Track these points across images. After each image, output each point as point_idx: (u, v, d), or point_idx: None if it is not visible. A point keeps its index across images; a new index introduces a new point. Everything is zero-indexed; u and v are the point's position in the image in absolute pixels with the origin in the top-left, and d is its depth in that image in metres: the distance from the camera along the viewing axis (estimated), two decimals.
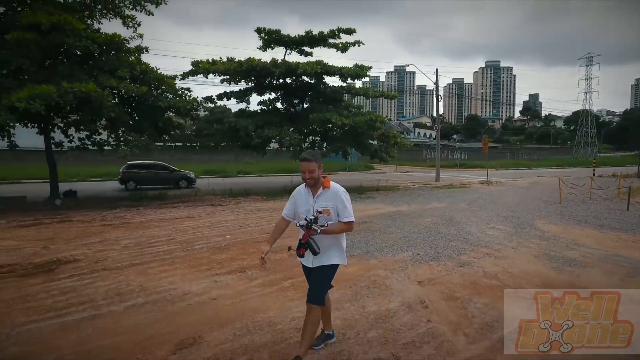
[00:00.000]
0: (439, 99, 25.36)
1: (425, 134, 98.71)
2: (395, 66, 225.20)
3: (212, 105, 20.56)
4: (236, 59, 17.19)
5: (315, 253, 2.99)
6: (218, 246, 7.25)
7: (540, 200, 14.24)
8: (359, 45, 18.28)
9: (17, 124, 12.22)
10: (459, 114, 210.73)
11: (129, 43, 14.06)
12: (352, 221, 3.15)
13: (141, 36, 14.55)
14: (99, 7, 14.43)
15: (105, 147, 14.46)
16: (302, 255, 3.11)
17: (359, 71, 17.70)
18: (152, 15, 14.98)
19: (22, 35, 11.12)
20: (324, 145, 19.41)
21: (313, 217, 2.99)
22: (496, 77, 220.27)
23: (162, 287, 4.95)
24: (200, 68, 16.51)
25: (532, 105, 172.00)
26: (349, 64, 18.51)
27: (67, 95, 11.14)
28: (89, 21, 14.19)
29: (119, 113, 12.83)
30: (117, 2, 14.37)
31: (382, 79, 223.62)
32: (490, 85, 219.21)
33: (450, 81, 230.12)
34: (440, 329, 3.85)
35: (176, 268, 5.84)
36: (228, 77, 17.30)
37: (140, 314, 4.18)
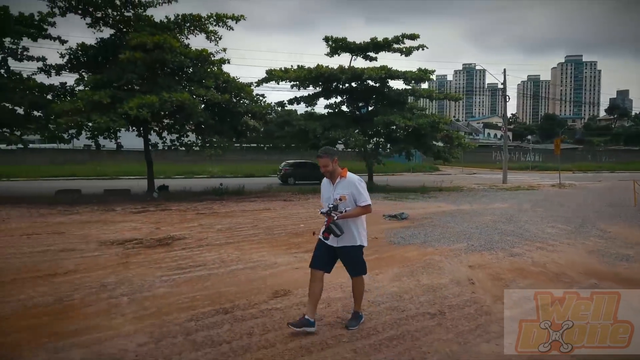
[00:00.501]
0: (507, 100, 24.91)
1: (495, 135, 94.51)
2: (463, 64, 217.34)
3: (279, 109, 22.21)
4: (306, 67, 18.58)
5: (337, 235, 3.52)
6: (294, 232, 8.47)
7: (613, 204, 13.87)
8: (422, 49, 18.83)
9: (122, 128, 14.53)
10: (535, 113, 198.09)
11: (214, 56, 15.94)
12: (369, 204, 3.67)
13: (224, 50, 16.41)
14: (188, 25, 16.52)
15: (194, 148, 16.49)
16: (326, 239, 3.65)
17: (422, 75, 18.26)
18: (232, 29, 16.81)
19: (132, 55, 13.27)
20: (388, 146, 20.16)
21: (332, 205, 3.57)
22: (577, 72, 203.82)
23: (255, 259, 6.21)
24: (274, 76, 18.11)
25: (620, 103, 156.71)
26: (414, 66, 19.20)
27: (166, 103, 13.13)
28: (180, 37, 16.34)
29: (206, 118, 14.68)
30: (203, 20, 16.35)
31: (450, 77, 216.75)
32: (571, 81, 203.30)
33: (525, 78, 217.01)
34: (482, 298, 4.64)
35: (262, 247, 7.12)
36: (298, 83, 18.75)
37: (241, 274, 5.43)
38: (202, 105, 15.25)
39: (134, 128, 16.46)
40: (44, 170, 27.08)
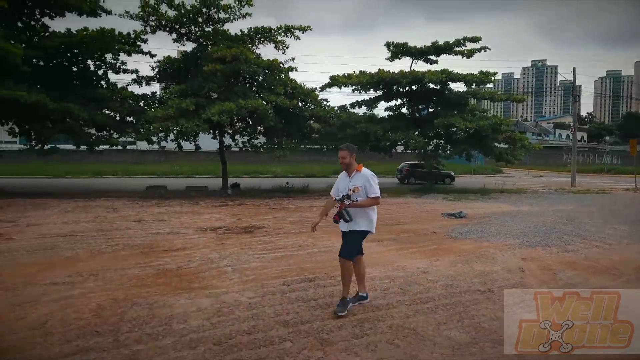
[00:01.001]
0: (576, 100, 23.97)
1: (567, 136, 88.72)
2: (532, 61, 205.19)
3: (341, 112, 23.19)
4: (367, 72, 19.43)
5: (346, 220, 4.05)
6: None
7: None
8: (485, 51, 18.94)
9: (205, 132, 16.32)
10: (615, 111, 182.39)
11: (283, 65, 17.31)
12: (378, 196, 4.11)
13: (293, 59, 17.74)
14: (259, 36, 18.05)
15: (263, 149, 18.00)
16: (337, 222, 4.16)
17: (484, 78, 18.38)
18: (299, 39, 18.13)
19: (213, 67, 14.95)
20: (448, 147, 20.40)
21: (345, 194, 4.08)
22: None
23: (327, 245, 7.22)
24: (338, 81, 19.18)
25: None
26: (476, 65, 19.32)
27: (242, 109, 14.65)
28: (252, 47, 17.93)
29: (275, 122, 16.05)
30: (273, 32, 17.79)
31: (517, 75, 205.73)
32: None
33: (604, 74, 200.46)
34: (530, 282, 5.28)
35: (331, 236, 8.08)
36: (360, 87, 19.66)
37: (317, 256, 6.48)
38: (272, 111, 16.65)
39: (210, 131, 18.31)
40: (127, 168, 30.31)
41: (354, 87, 19.67)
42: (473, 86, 19.39)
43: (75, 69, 17.80)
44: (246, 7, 17.04)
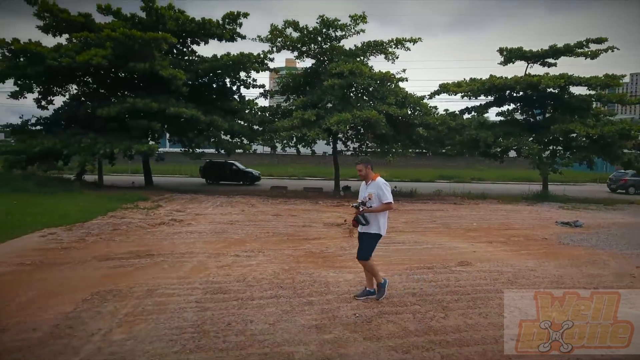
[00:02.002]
0: None
1: None
2: None
3: (450, 118, 23.36)
4: (479, 78, 19.53)
5: (363, 224, 4.66)
6: (469, 228, 10.15)
7: None
8: (612, 51, 17.70)
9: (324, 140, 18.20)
10: None
11: (395, 77, 18.41)
12: (390, 202, 4.63)
13: (404, 71, 18.74)
14: (371, 49, 19.40)
15: (375, 155, 19.31)
16: (355, 226, 4.79)
17: (610, 81, 17.22)
18: (409, 50, 19.09)
19: (332, 81, 16.71)
20: (566, 154, 19.41)
21: (361, 201, 4.69)
22: None
23: (439, 242, 8.22)
24: (447, 89, 19.65)
25: None
26: (600, 69, 18.09)
27: (356, 119, 16.16)
28: (363, 59, 19.38)
29: (387, 130, 17.23)
30: (385, 45, 19.02)
31: None
32: None
33: None
34: (638, 285, 5.67)
35: (443, 235, 9.07)
36: (470, 94, 19.82)
37: (432, 250, 7.53)
38: (384, 120, 17.87)
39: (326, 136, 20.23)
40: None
41: (463, 94, 19.90)
42: (598, 89, 18.21)
43: (215, 86, 21.17)
44: (360, 24, 18.60)
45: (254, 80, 21.18)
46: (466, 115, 21.52)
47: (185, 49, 20.61)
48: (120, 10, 18.46)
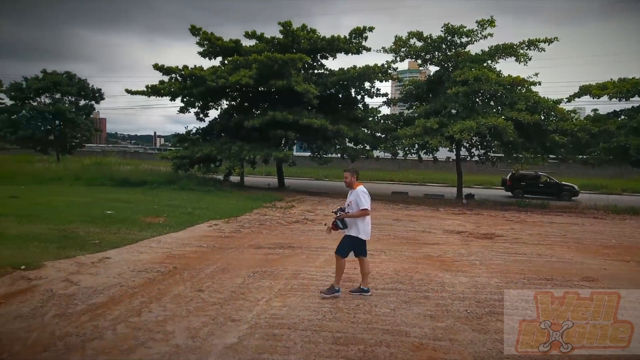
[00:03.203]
0: None
1: None
2: None
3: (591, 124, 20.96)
4: (629, 78, 17.35)
5: (340, 228, 5.26)
6: (605, 245, 9.50)
7: None
8: None
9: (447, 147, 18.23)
10: None
11: (525, 82, 17.49)
12: (366, 208, 5.12)
13: (537, 74, 17.68)
14: (499, 52, 18.69)
15: (501, 163, 18.61)
16: (334, 229, 5.35)
17: None
18: (544, 51, 17.91)
19: (456, 89, 16.72)
20: None
21: (340, 208, 5.34)
22: None
23: (565, 257, 8.02)
24: (589, 91, 17.88)
25: None
26: None
27: (481, 127, 15.88)
28: (491, 63, 18.78)
29: (515, 137, 16.51)
30: (515, 47, 18.17)
31: None
32: None
33: None
34: None
35: (572, 250, 8.73)
36: (618, 96, 17.67)
37: (555, 264, 7.45)
38: (512, 127, 17.14)
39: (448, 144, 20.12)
40: (369, 174, 35.17)
41: (610, 96, 17.84)
42: None
43: (341, 96, 22.72)
44: (488, 28, 18.15)
45: (378, 89, 22.19)
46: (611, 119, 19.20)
47: (315, 64, 22.59)
48: (263, 35, 21.23)
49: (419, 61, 20.45)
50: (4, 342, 3.77)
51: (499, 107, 17.75)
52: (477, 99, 18.26)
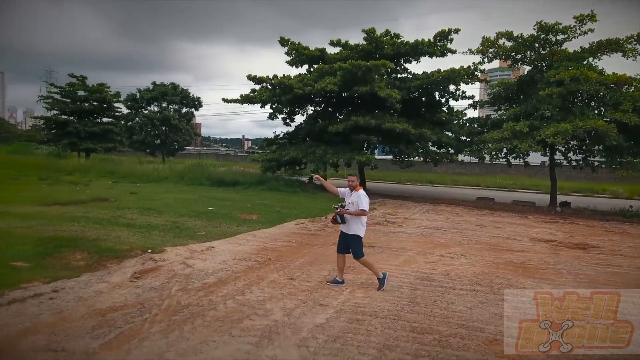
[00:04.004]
0: None
1: None
2: None
3: None
4: None
5: (339, 223, 5.81)
6: None
7: None
8: None
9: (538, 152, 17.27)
10: None
11: (633, 79, 15.92)
12: (364, 209, 5.73)
13: None
14: (603, 48, 17.19)
15: (602, 168, 17.12)
16: (334, 223, 5.90)
17: None
18: None
19: (550, 90, 15.80)
20: None
21: (341, 204, 5.87)
22: None
23: None
24: None
25: None
26: None
27: (578, 130, 14.82)
28: (592, 60, 17.33)
29: (619, 141, 15.11)
30: (621, 42, 16.61)
31: None
32: None
33: None
34: None
35: None
36: None
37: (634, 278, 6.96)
38: (616, 129, 15.71)
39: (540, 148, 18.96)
40: (454, 179, 34.12)
41: None
42: None
43: (424, 100, 22.56)
44: (588, 23, 16.86)
45: (463, 92, 21.66)
46: None
47: (398, 68, 22.72)
48: (347, 42, 21.98)
49: (509, 62, 19.63)
50: (145, 306, 4.79)
51: (601, 109, 16.40)
52: (575, 100, 17.02)
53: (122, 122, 41.30)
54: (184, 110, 44.34)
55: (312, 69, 22.23)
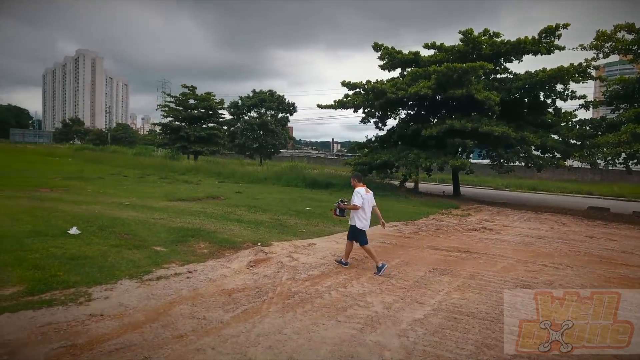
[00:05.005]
0: None
1: None
2: None
3: None
4: None
5: (337, 215, 7.31)
6: None
7: None
8: None
9: None
10: None
11: None
12: (354, 204, 6.78)
13: None
14: None
15: None
16: (335, 214, 7.30)
17: None
18: None
19: None
20: None
21: (341, 200, 7.29)
22: None
23: None
24: None
25: None
26: None
27: None
28: None
29: None
30: None
31: None
32: None
33: None
34: None
35: None
36: None
37: None
38: None
39: None
40: (561, 185, 31.23)
41: None
42: None
43: (526, 101, 21.17)
44: None
45: (573, 92, 19.94)
46: None
47: (497, 68, 21.65)
48: (443, 44, 21.59)
49: (630, 56, 17.64)
50: (262, 290, 5.52)
51: None
52: None
53: (225, 127, 45.20)
54: (280, 115, 46.97)
55: (405, 73, 22.26)
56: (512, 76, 20.79)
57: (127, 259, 6.43)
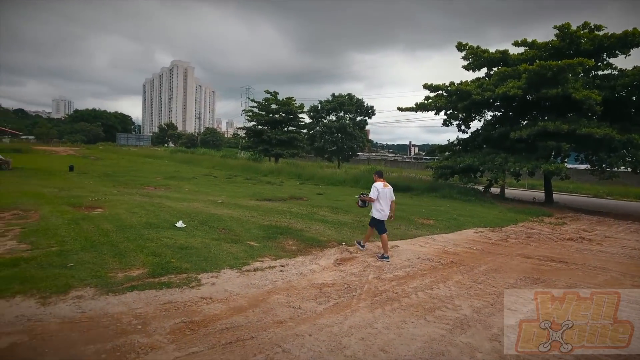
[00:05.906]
0: None
1: None
2: None
3: None
4: None
5: (359, 205, 8.37)
6: None
7: None
8: None
9: None
10: None
11: None
12: (370, 197, 7.67)
13: None
14: None
15: None
16: (358, 205, 8.38)
17: None
18: None
19: None
20: None
21: (363, 192, 8.18)
22: None
23: None
24: None
25: None
26: None
27: None
28: None
29: None
30: None
31: None
32: None
33: None
34: None
35: None
36: None
37: None
38: None
39: None
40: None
41: None
42: None
43: (634, 99, 18.98)
44: None
45: None
46: None
47: (599, 64, 19.75)
48: (535, 41, 20.25)
49: None
50: (350, 286, 5.79)
51: None
52: None
53: (304, 130, 46.62)
54: (358, 118, 47.25)
55: (491, 73, 21.27)
56: (617, 72, 18.84)
57: (226, 251, 7.12)
